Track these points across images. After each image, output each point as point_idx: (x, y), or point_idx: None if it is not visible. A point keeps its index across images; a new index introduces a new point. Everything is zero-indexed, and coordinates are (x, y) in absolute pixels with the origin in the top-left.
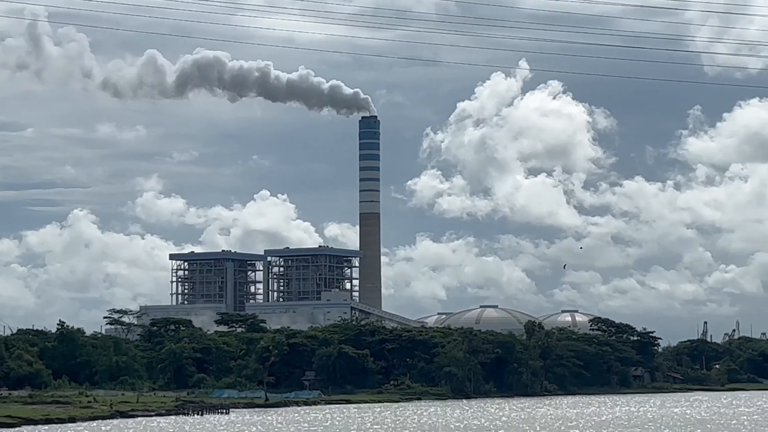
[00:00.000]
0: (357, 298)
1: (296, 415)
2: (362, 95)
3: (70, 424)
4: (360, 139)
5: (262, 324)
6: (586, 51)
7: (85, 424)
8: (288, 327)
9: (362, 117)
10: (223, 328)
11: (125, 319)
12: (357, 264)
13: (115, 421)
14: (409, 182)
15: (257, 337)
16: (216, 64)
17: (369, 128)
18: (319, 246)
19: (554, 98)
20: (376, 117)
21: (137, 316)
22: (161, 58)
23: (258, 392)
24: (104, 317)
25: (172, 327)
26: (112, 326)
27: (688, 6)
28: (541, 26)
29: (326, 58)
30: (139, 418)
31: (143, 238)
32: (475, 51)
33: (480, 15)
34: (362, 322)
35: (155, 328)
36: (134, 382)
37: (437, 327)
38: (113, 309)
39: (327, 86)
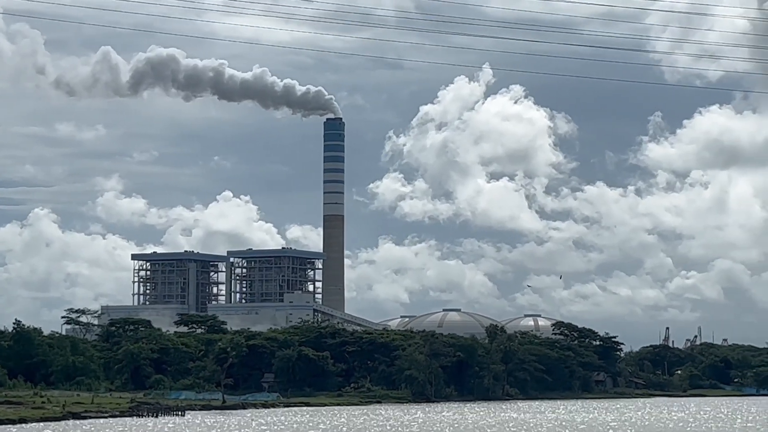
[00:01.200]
0: (320, 301)
1: (251, 417)
2: (325, 95)
3: (19, 425)
4: (325, 141)
5: (222, 325)
6: (549, 56)
7: (36, 425)
8: (248, 328)
9: (327, 119)
10: (183, 329)
11: (83, 318)
12: (320, 266)
13: (67, 423)
14: (371, 185)
15: (216, 338)
16: (170, 63)
17: (334, 130)
18: (282, 248)
19: (515, 102)
20: (341, 119)
21: (96, 316)
22: (115, 55)
23: (216, 394)
24: (62, 317)
25: (131, 327)
26: (72, 326)
27: (650, 13)
28: (506, 31)
29: (291, 60)
30: (92, 420)
31: (104, 238)
32: (440, 55)
33: (446, 19)
34: (323, 324)
35: (113, 328)
36: (91, 382)
37: (399, 330)
38: (71, 309)
39: (281, 86)
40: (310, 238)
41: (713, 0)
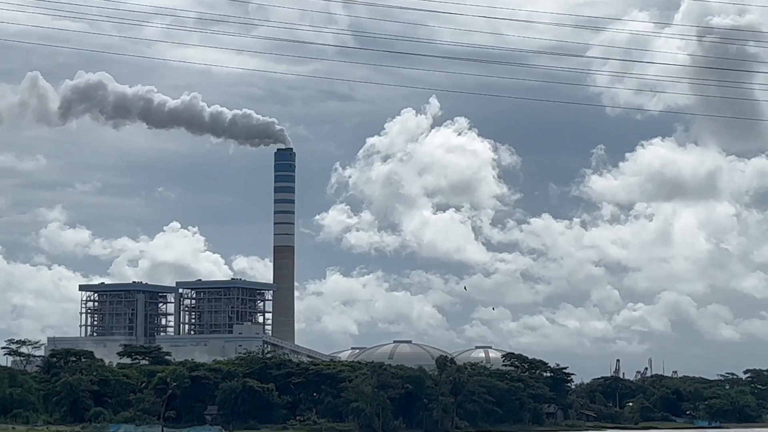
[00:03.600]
0: (270, 332)
1: None
2: (254, 120)
3: None
4: (275, 171)
5: (167, 356)
6: (496, 89)
7: None
8: (191, 359)
9: (278, 149)
10: (127, 361)
11: (24, 349)
12: (270, 297)
13: None
14: (317, 217)
15: (160, 370)
16: (98, 89)
17: (284, 160)
18: (231, 278)
19: (459, 134)
20: (291, 149)
21: (38, 347)
22: (44, 82)
23: (156, 427)
24: (2, 347)
25: (73, 358)
26: (14, 357)
27: (593, 47)
28: (455, 63)
29: (241, 91)
30: None
31: (50, 269)
32: (390, 88)
33: (397, 52)
34: (268, 355)
35: (55, 359)
36: (29, 415)
37: (346, 361)
38: (11, 339)
39: (209, 113)
40: (257, 269)
41: (654, 33)
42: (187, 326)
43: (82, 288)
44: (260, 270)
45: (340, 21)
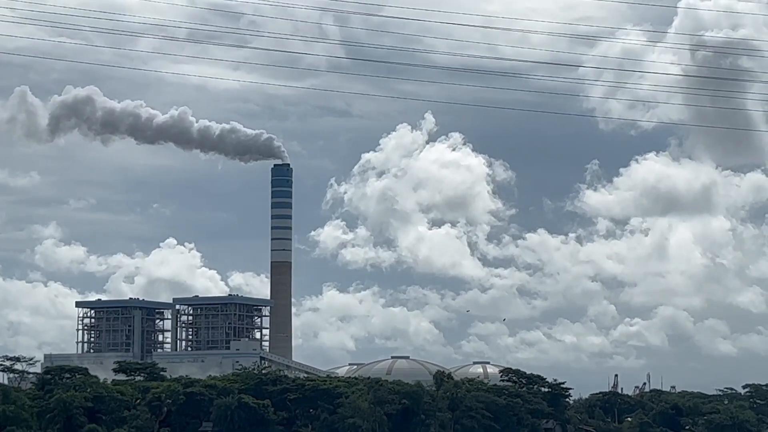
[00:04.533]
0: (267, 348)
1: None
2: (264, 137)
3: None
4: (272, 187)
5: (162, 372)
6: (491, 103)
7: None
8: (186, 376)
9: (275, 164)
10: (122, 377)
11: (18, 366)
12: (267, 313)
13: None
14: (313, 233)
15: (154, 386)
16: (87, 104)
17: (281, 176)
18: (228, 295)
19: (454, 150)
20: (288, 165)
21: (31, 364)
22: (32, 97)
23: None
24: None
25: (67, 375)
26: (9, 374)
27: (588, 61)
28: (451, 78)
29: (237, 107)
30: None
31: (46, 286)
32: (386, 103)
33: (393, 67)
34: (264, 371)
35: (49, 376)
36: None
37: (342, 377)
38: (6, 356)
39: (196, 128)
40: (253, 285)
41: (649, 43)
42: (184, 342)
43: (78, 304)
44: (257, 286)
45: (336, 36)
